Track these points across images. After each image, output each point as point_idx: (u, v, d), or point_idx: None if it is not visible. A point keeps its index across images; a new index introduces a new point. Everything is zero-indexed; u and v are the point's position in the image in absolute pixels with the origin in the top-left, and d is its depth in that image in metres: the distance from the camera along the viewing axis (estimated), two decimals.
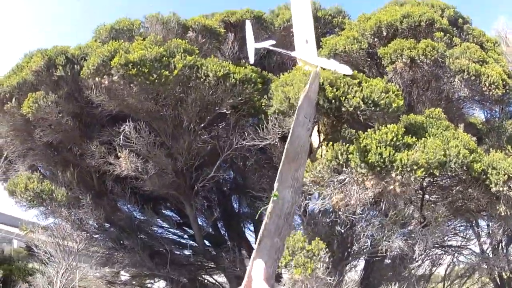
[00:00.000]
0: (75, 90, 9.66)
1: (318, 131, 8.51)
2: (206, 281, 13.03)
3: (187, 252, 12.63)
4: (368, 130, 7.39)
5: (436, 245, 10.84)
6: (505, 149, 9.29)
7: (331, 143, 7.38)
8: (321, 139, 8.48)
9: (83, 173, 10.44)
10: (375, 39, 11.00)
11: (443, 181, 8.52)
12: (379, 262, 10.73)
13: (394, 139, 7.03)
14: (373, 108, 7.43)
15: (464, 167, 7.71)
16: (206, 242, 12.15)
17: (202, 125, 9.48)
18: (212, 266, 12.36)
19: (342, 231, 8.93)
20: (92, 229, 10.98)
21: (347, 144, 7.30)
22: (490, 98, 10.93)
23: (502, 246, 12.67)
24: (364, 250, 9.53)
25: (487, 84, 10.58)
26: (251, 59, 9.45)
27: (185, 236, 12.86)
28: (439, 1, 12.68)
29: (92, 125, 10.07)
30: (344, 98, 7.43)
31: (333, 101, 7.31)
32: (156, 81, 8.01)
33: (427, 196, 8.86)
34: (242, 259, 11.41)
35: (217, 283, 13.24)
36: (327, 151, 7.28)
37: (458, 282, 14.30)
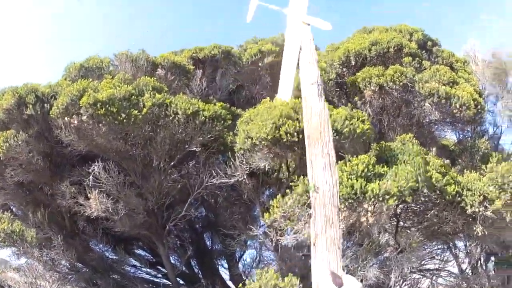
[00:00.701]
0: (45, 129, 9.79)
1: (287, 166, 8.73)
2: None
3: None
4: (339, 161, 7.58)
5: (413, 270, 11.03)
6: (479, 168, 9.56)
7: (301, 177, 7.55)
8: (290, 173, 8.70)
9: (55, 213, 10.55)
10: (344, 69, 11.39)
11: (417, 206, 8.79)
12: None
13: (365, 169, 7.29)
14: (337, 137, 7.64)
15: (438, 191, 8.11)
16: (180, 281, 12.27)
17: (172, 163, 9.68)
18: None
19: None
20: (65, 269, 11.04)
21: None
22: (461, 119, 11.38)
23: (480, 263, 12.90)
24: None
25: (458, 106, 11.05)
26: (249, 18, 8.67)
27: (159, 275, 12.93)
28: (407, 26, 13.26)
29: (62, 165, 10.19)
30: None
31: (296, 134, 7.59)
32: (125, 120, 8.27)
33: (401, 223, 9.07)
34: None
35: None
36: (297, 185, 7.42)
37: None
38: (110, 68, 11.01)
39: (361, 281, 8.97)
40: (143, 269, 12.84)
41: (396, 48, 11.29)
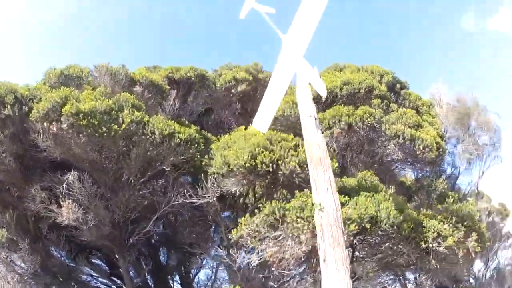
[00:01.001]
0: (21, 131, 9.95)
1: (254, 193, 9.25)
2: None
3: None
4: (304, 189, 8.17)
5: None
6: (435, 206, 10.20)
7: (268, 201, 8.11)
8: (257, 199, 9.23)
9: (20, 216, 10.66)
10: (315, 104, 11.88)
11: (373, 239, 9.34)
12: None
13: None
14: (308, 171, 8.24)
15: (395, 227, 8.74)
16: None
17: (142, 180, 9.96)
18: None
19: (275, 286, 9.59)
20: (26, 273, 11.06)
21: (284, 202, 8.04)
22: (423, 160, 12.26)
23: None
24: None
25: (421, 148, 11.95)
26: (242, 15, 7.91)
27: (113, 287, 13.07)
28: (378, 67, 14.05)
29: (34, 168, 10.40)
30: (281, 161, 8.27)
31: (270, 164, 8.11)
32: (105, 134, 8.62)
33: (357, 253, 9.61)
34: None
35: None
36: (264, 207, 7.95)
37: None
38: (88, 78, 11.27)
39: None
40: (99, 279, 12.98)
41: (366, 89, 12.02)
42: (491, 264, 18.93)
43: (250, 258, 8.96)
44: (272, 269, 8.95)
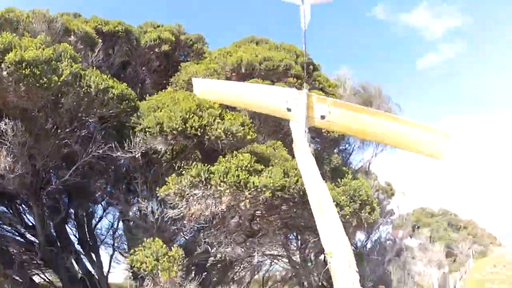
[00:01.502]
0: None
1: (172, 150, 10.21)
2: (41, 280, 13.70)
3: (20, 250, 13.12)
4: (227, 156, 9.36)
5: (265, 254, 13.27)
6: (329, 178, 11.85)
7: (194, 162, 9.20)
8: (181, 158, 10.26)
9: None
10: (233, 74, 13.03)
11: (278, 201, 10.63)
12: (213, 266, 12.62)
13: (248, 165, 9.09)
14: (231, 139, 9.45)
15: (301, 192, 10.17)
16: (37, 241, 12.65)
17: (68, 130, 10.22)
18: (45, 265, 13.10)
19: (187, 238, 10.80)
20: None
21: (208, 165, 9.16)
22: (327, 138, 13.86)
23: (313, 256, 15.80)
24: (205, 256, 11.27)
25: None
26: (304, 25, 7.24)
27: (16, 234, 13.26)
28: (295, 47, 15.44)
29: None
30: (208, 127, 9.37)
31: (199, 129, 9.18)
32: (45, 84, 8.81)
33: (259, 212, 10.99)
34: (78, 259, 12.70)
35: (49, 281, 14.07)
36: (190, 169, 9.03)
37: (275, 286, 17.13)
38: (28, 25, 11.10)
39: (223, 257, 10.92)
40: (2, 226, 13.10)
41: (284, 67, 13.40)
42: (373, 237, 21.64)
43: (168, 213, 9.94)
44: (185, 222, 10.12)
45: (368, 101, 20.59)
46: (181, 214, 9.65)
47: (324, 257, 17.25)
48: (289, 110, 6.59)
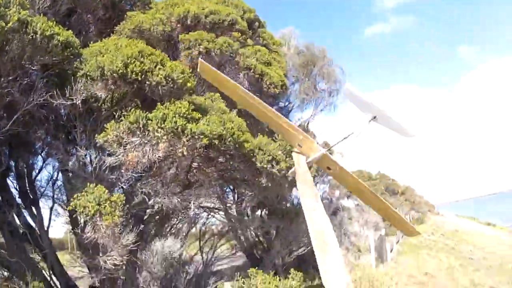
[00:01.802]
0: None
1: (112, 98, 10.29)
2: None
3: None
4: (166, 103, 9.59)
5: (201, 206, 13.71)
6: (267, 133, 12.24)
7: (133, 109, 9.39)
8: (121, 106, 10.36)
9: None
10: (179, 25, 13.16)
11: (214, 153, 11.06)
12: (150, 218, 12.97)
13: (186, 112, 9.40)
14: (172, 85, 9.68)
15: (237, 145, 10.59)
16: None
17: (10, 78, 9.91)
18: None
19: (124, 187, 11.06)
20: None
21: (146, 112, 9.37)
22: (267, 94, 14.16)
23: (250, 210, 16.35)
24: (143, 207, 11.55)
25: (268, 83, 14.12)
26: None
27: None
28: (243, 3, 15.67)
29: None
30: (150, 73, 9.55)
31: (140, 74, 9.35)
32: None
33: (195, 164, 11.37)
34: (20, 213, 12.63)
35: None
36: (129, 115, 9.23)
37: (212, 239, 17.73)
38: None
39: (161, 208, 11.21)
40: None
41: (230, 22, 13.56)
42: None
43: (106, 161, 10.12)
44: (122, 171, 10.33)
45: (311, 61, 21.03)
46: (119, 162, 9.82)
47: (261, 212, 18.03)
48: (300, 146, 6.61)
